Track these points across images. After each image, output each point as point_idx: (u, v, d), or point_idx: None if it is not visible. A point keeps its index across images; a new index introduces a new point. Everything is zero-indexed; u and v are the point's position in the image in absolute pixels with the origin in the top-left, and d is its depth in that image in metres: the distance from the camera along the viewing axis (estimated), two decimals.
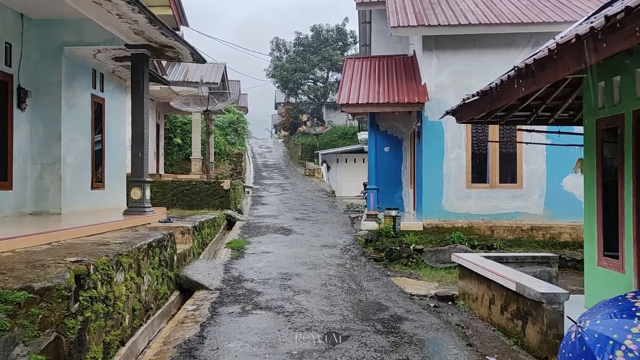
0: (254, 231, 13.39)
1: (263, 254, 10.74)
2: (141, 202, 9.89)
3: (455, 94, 13.00)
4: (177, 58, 10.54)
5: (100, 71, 11.71)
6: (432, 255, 11.56)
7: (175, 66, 22.27)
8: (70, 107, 10.42)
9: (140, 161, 9.93)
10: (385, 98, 12.62)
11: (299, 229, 13.72)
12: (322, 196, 23.88)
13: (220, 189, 16.37)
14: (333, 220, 15.79)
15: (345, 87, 13.39)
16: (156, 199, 16.06)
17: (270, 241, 12.04)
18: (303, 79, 41.02)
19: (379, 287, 8.41)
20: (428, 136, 13.01)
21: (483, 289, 6.93)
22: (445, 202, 12.95)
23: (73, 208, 10.44)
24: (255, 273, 9.15)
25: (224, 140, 28.97)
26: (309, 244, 11.83)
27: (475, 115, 7.57)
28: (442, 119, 13.04)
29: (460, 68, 13.04)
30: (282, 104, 55.17)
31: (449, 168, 12.97)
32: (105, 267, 5.23)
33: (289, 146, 43.49)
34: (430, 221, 12.88)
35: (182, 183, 16.52)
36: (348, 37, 41.89)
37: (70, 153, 10.39)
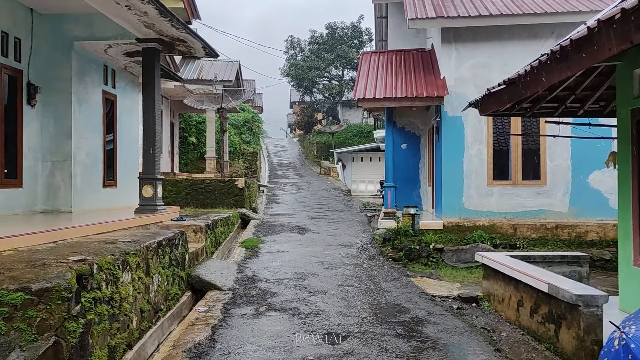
0: (268, 230, 13.10)
1: (278, 253, 10.44)
2: (153, 200, 9.65)
3: (476, 87, 12.57)
4: (189, 52, 10.28)
5: (111, 67, 11.51)
6: (452, 254, 11.15)
7: (190, 64, 22.10)
8: (81, 104, 10.22)
9: (151, 158, 9.69)
10: (403, 92, 12.23)
11: (314, 227, 13.40)
12: (338, 195, 23.53)
13: (234, 188, 16.12)
14: (349, 218, 15.44)
15: (362, 81, 13.03)
16: (170, 198, 15.87)
17: (285, 240, 11.74)
18: (318, 77, 40.67)
19: (399, 288, 8.05)
20: (447, 132, 12.60)
21: (510, 290, 6.54)
22: (465, 200, 12.52)
23: (84, 206, 10.24)
24: (269, 273, 8.84)
25: (238, 139, 28.77)
26: (324, 243, 11.50)
27: (500, 106, 7.18)
28: (462, 113, 12.65)
29: (481, 61, 12.60)
30: (297, 103, 54.92)
31: (470, 164, 12.54)
32: (110, 267, 4.95)
33: (304, 145, 43.19)
34: (451, 219, 12.46)
35: (196, 182, 16.31)
36: (363, 35, 41.43)
37: (81, 150, 10.19)
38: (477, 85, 12.57)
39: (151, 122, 9.70)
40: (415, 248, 10.97)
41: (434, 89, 12.27)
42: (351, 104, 43.37)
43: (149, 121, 9.70)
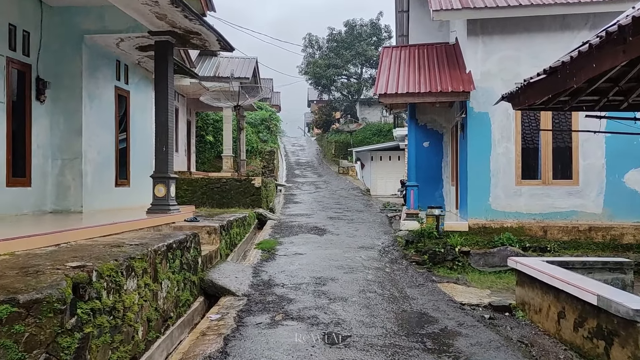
0: (285, 231, 12.64)
1: (295, 255, 9.97)
2: (165, 200, 9.26)
3: (503, 82, 11.96)
4: (204, 46, 9.86)
5: (124, 62, 11.16)
6: (479, 258, 10.57)
7: (206, 61, 21.76)
8: (92, 100, 9.87)
9: (164, 156, 9.30)
10: (427, 87, 11.67)
11: (333, 228, 12.91)
12: (357, 194, 23.00)
13: (251, 187, 15.71)
14: (369, 219, 14.91)
15: (383, 76, 12.50)
16: (185, 197, 15.53)
17: (303, 242, 11.26)
18: (336, 75, 40.14)
19: (425, 295, 7.51)
20: (473, 128, 12.00)
21: (549, 299, 5.97)
22: (492, 201, 11.91)
23: (95, 206, 9.89)
24: (286, 277, 8.37)
25: (256, 138, 28.41)
26: (344, 245, 11.00)
27: (537, 99, 6.61)
28: (489, 109, 12.05)
29: (509, 54, 11.97)
30: (315, 102, 54.47)
31: (497, 163, 11.93)
32: (112, 274, 4.52)
33: (322, 144, 42.72)
34: (476, 221, 11.86)
35: (212, 181, 15.93)
36: (382, 32, 40.82)
37: (92, 148, 9.84)
38: (504, 79, 11.96)
39: (163, 119, 9.30)
40: (440, 251, 10.41)
41: (459, 84, 11.68)
42: (370, 102, 42.80)
43: (161, 117, 9.31)
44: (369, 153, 35.65)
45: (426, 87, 11.70)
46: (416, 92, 11.55)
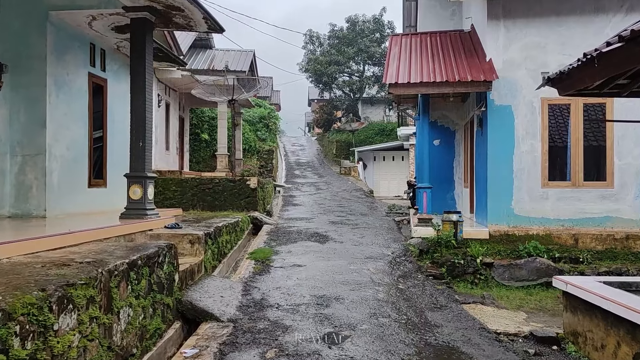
0: (283, 238, 11.32)
1: (293, 267, 8.64)
2: (142, 203, 7.93)
3: (528, 71, 10.66)
4: (188, 25, 8.53)
5: (100, 46, 9.84)
6: (504, 270, 9.25)
7: (200, 54, 20.48)
8: (60, 87, 8.55)
9: (141, 152, 7.98)
10: (443, 76, 10.34)
11: (336, 235, 11.58)
12: (360, 196, 21.69)
13: (246, 188, 14.39)
14: (375, 224, 13.59)
15: (393, 65, 11.18)
16: (174, 199, 14.24)
17: (303, 251, 9.94)
18: (338, 72, 38.79)
19: (450, 321, 6.18)
20: (494, 124, 10.69)
21: (617, 333, 4.65)
22: (516, 204, 10.60)
23: (63, 209, 8.58)
24: (282, 295, 7.06)
25: (254, 136, 27.10)
26: (349, 254, 9.67)
27: (591, 82, 5.32)
28: (512, 102, 10.73)
29: (534, 40, 10.66)
30: (316, 101, 53.19)
31: (521, 162, 10.62)
32: (33, 311, 3.21)
33: (323, 144, 41.44)
34: (498, 227, 10.55)
35: (204, 181, 14.61)
36: (386, 28, 39.47)
37: (59, 143, 8.53)
38: (529, 69, 10.66)
39: (140, 109, 7.98)
40: (459, 263, 9.10)
41: (479, 73, 10.36)
42: (372, 100, 41.51)
43: (137, 107, 7.99)
44: (372, 153, 34.31)
45: (442, 76, 10.38)
46: (431, 82, 10.23)
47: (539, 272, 9.09)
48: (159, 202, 14.30)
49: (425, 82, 10.23)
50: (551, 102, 10.55)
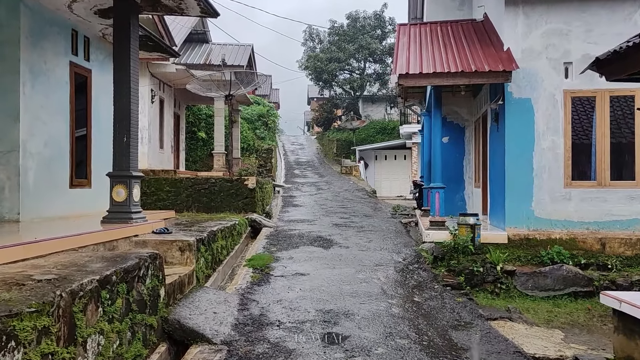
0: (283, 242, 10.47)
1: (296, 277, 7.80)
2: (126, 206, 7.10)
3: (550, 61, 9.84)
4: (179, 8, 7.69)
5: (84, 33, 8.99)
6: (527, 279, 8.41)
7: (196, 48, 19.63)
8: (36, 76, 7.71)
9: (125, 148, 7.15)
10: (458, 67, 9.51)
11: (341, 239, 10.73)
12: (363, 196, 20.86)
13: (243, 188, 13.55)
14: (382, 227, 12.75)
15: (402, 55, 10.34)
16: (168, 200, 13.41)
17: (306, 257, 9.08)
18: (338, 69, 37.89)
19: (479, 343, 5.34)
20: (513, 118, 9.86)
21: None
22: (536, 206, 9.77)
23: (40, 212, 7.73)
24: (284, 311, 6.22)
25: (252, 135, 26.26)
26: (357, 261, 8.83)
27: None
28: (532, 95, 9.91)
29: (556, 27, 9.83)
30: (315, 99, 52.36)
31: (541, 160, 9.80)
32: None
33: (323, 143, 40.58)
34: (517, 231, 9.72)
35: (199, 181, 13.76)
36: (387, 25, 38.59)
37: (35, 138, 7.68)
38: (550, 58, 9.84)
39: (125, 101, 7.15)
40: (478, 270, 8.26)
41: (497, 63, 9.53)
42: (373, 98, 40.67)
43: (121, 98, 7.16)
44: (373, 152, 33.49)
45: (457, 66, 9.54)
46: (445, 72, 9.39)
47: (565, 281, 8.26)
48: (151, 203, 13.47)
49: (439, 73, 9.39)
50: (574, 94, 9.73)
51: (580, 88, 9.68)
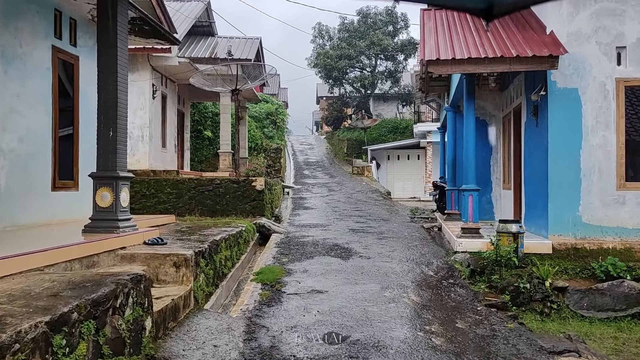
0: (296, 251, 9.32)
1: (312, 295, 6.65)
2: (112, 212, 6.00)
3: (600, 46, 8.64)
4: None
5: (70, 14, 7.91)
6: (581, 297, 7.22)
7: (201, 42, 18.56)
8: (10, 61, 6.63)
9: (111, 144, 6.06)
10: (497, 51, 8.33)
11: (360, 247, 9.57)
12: (377, 198, 19.69)
13: (251, 190, 12.44)
14: (403, 233, 11.57)
15: (430, 40, 9.17)
16: (169, 203, 12.34)
17: (322, 270, 7.92)
18: (349, 66, 36.72)
19: None
20: (557, 111, 8.67)
21: None
22: (584, 211, 8.58)
23: (15, 219, 6.65)
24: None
25: (260, 134, 25.14)
26: (381, 275, 7.66)
27: None
28: (580, 85, 8.72)
29: (608, 7, 8.63)
30: (325, 98, 51.19)
31: (590, 159, 8.60)
32: None
33: (333, 142, 39.42)
34: (562, 239, 8.53)
35: (204, 182, 12.67)
36: (399, 20, 37.40)
37: (8, 133, 6.60)
38: (601, 42, 8.64)
39: (111, 89, 6.07)
40: (524, 287, 7.07)
41: (541, 47, 8.34)
42: (385, 97, 39.45)
43: (107, 87, 6.08)
44: (386, 152, 32.31)
45: (494, 51, 8.36)
46: (482, 58, 8.22)
47: (628, 300, 7.07)
48: (150, 206, 12.39)
49: (475, 59, 8.22)
50: (628, 83, 8.53)
51: (636, 76, 8.49)
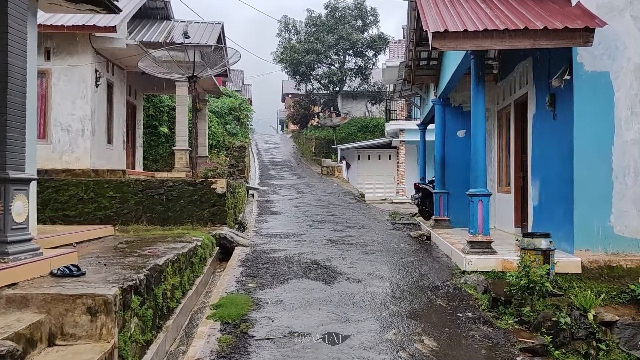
0: (265, 271, 7.48)
1: (290, 340, 4.85)
2: (1, 230, 4.08)
3: (635, 21, 7.16)
4: None
5: None
6: (634, 333, 5.66)
7: (155, 25, 16.46)
8: None
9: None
10: (518, 24, 6.72)
11: (344, 265, 7.82)
12: (351, 201, 18.05)
13: (211, 194, 10.56)
14: (391, 244, 9.90)
15: (430, 11, 7.48)
16: (111, 209, 10.34)
17: (301, 300, 6.12)
18: (317, 61, 34.97)
19: None
20: (584, 99, 7.14)
21: None
22: (616, 220, 7.08)
23: None
24: None
25: (222, 130, 23.14)
26: (379, 307, 5.91)
27: None
28: (612, 67, 7.22)
29: None
30: (291, 95, 49.36)
31: (624, 157, 7.11)
32: None
33: (299, 141, 37.67)
34: (592, 255, 7.01)
35: (153, 184, 10.70)
36: (369, 15, 35.89)
37: None
38: (636, 16, 7.16)
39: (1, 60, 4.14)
40: (565, 323, 5.45)
41: (570, 19, 6.78)
42: (354, 94, 37.90)
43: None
44: (356, 151, 30.76)
45: (514, 23, 6.75)
46: (500, 31, 6.58)
47: None
48: (89, 213, 10.35)
49: (492, 31, 6.58)
50: None
51: None
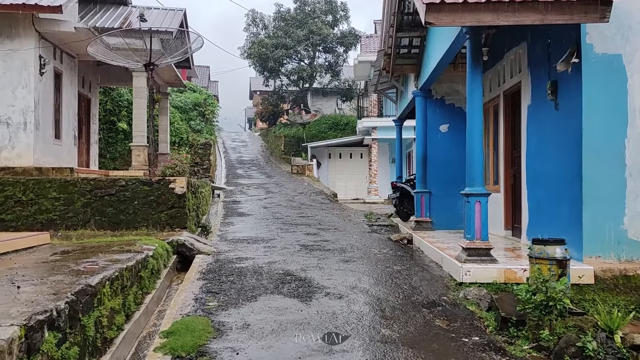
0: (230, 286, 6.36)
1: None
2: None
3: None
4: None
5: None
6: None
7: (111, 10, 15.09)
8: None
9: None
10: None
11: (321, 276, 6.78)
12: (323, 201, 17.06)
13: (169, 194, 9.39)
14: (371, 249, 8.92)
15: None
16: (55, 212, 9.09)
17: (272, 324, 5.03)
18: (286, 57, 33.85)
19: None
20: (594, 86, 6.30)
21: None
22: (630, 223, 6.26)
23: None
24: None
25: (186, 126, 21.83)
26: (367, 329, 4.90)
27: None
28: (625, 50, 6.40)
29: None
30: (259, 92, 48.12)
31: (638, 151, 6.30)
32: None
33: (268, 139, 36.53)
34: (604, 263, 6.17)
35: (103, 184, 9.46)
36: (339, 10, 35.00)
37: None
38: None
39: None
40: (592, 349, 4.54)
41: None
42: (324, 91, 36.94)
43: None
44: (327, 149, 29.85)
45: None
46: (505, 2, 5.67)
47: None
48: (28, 216, 9.05)
49: (496, 2, 5.65)
50: None
51: None
